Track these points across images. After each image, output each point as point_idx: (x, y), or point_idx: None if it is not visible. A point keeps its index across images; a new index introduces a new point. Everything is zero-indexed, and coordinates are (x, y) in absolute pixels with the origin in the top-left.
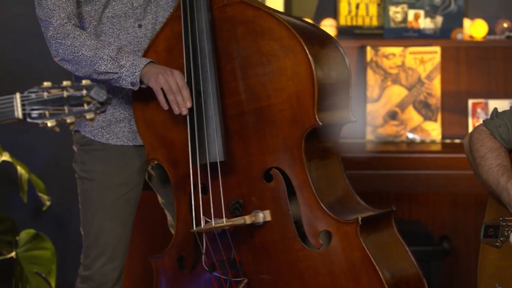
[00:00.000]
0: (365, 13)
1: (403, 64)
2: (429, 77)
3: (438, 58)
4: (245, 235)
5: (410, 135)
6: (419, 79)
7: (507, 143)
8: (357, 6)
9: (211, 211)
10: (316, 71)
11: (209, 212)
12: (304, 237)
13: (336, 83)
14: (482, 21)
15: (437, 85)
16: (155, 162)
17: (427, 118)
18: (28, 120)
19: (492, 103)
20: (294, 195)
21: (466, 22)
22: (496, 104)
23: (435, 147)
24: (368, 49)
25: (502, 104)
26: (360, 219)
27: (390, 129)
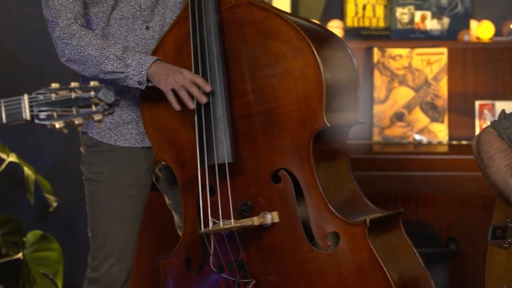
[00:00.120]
0: (372, 15)
1: (410, 65)
2: (436, 78)
3: (445, 59)
4: (253, 237)
5: (417, 137)
6: (426, 81)
7: None
8: (364, 7)
9: (219, 213)
10: (324, 73)
11: (217, 213)
12: (312, 238)
13: (344, 84)
14: (489, 23)
15: (444, 87)
16: (163, 163)
17: (434, 120)
18: (36, 121)
19: (499, 105)
20: (302, 197)
21: (473, 23)
22: (503, 105)
23: (442, 149)
24: (375, 50)
25: (509, 106)
26: (368, 220)
27: (397, 131)
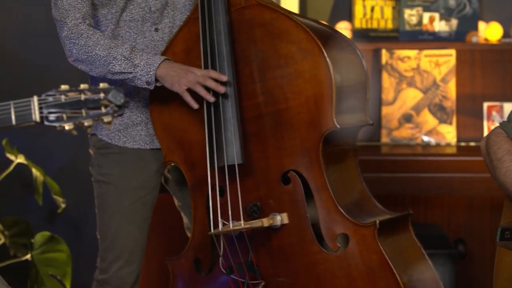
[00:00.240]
0: (380, 16)
1: (418, 67)
2: (444, 80)
3: (453, 61)
4: (263, 238)
5: (425, 138)
6: (434, 82)
7: None
8: (372, 9)
9: (229, 214)
10: (334, 74)
11: (226, 214)
12: (322, 240)
13: (353, 85)
14: (497, 24)
15: (452, 88)
16: (172, 164)
17: (442, 121)
18: (46, 123)
19: (507, 106)
20: (312, 198)
21: (481, 25)
22: (511, 106)
23: (450, 150)
24: (383, 52)
25: None
26: (378, 222)
27: (405, 132)
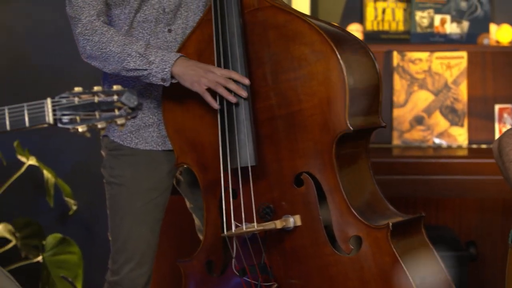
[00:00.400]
0: (392, 18)
1: (430, 69)
2: (456, 82)
3: (464, 63)
4: (276, 240)
5: (437, 140)
6: (446, 84)
7: None
8: (384, 11)
9: (242, 216)
10: (347, 76)
11: (239, 216)
12: (334, 242)
13: (367, 88)
14: (508, 26)
15: (463, 90)
16: (184, 166)
17: (453, 123)
18: (59, 125)
19: None
20: (325, 200)
21: (492, 27)
22: None
23: (461, 152)
24: (395, 54)
25: None
26: (391, 224)
27: (417, 134)
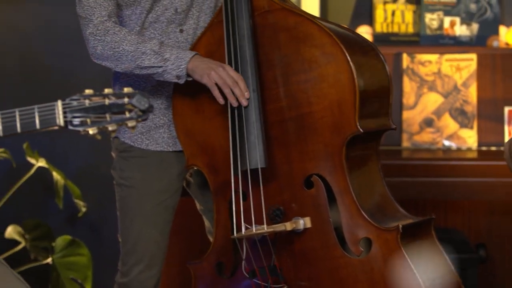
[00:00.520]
0: (401, 20)
1: (439, 71)
2: (465, 84)
3: (474, 65)
4: (286, 242)
5: (446, 143)
6: (455, 87)
7: None
8: (393, 13)
9: (252, 218)
10: (357, 79)
11: (249, 218)
12: (344, 244)
13: (377, 90)
14: None
15: (473, 93)
16: (195, 168)
17: (463, 126)
18: (70, 127)
19: None
20: (335, 202)
21: (502, 29)
22: None
23: (471, 155)
24: (404, 56)
25: None
26: (401, 226)
27: (426, 137)
